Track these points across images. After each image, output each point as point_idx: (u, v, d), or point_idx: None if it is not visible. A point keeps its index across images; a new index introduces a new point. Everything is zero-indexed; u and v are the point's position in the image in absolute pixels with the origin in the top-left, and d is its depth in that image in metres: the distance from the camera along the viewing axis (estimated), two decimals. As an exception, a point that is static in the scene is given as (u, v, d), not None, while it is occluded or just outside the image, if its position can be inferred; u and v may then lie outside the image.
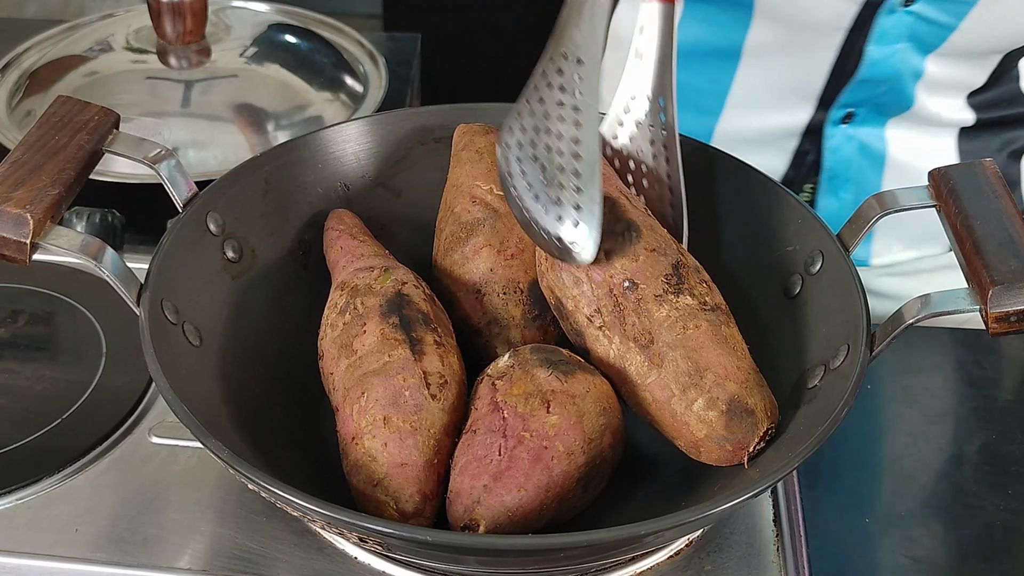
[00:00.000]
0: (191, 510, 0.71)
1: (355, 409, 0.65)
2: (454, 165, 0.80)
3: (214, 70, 1.11)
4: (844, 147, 1.00)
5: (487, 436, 0.63)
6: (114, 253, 0.66)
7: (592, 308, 0.67)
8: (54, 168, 0.67)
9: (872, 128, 1.00)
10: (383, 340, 0.67)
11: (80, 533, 0.70)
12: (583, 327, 0.68)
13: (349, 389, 0.66)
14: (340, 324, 0.70)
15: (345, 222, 0.78)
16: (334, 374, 0.68)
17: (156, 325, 0.66)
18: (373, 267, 0.73)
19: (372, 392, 0.65)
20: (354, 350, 0.68)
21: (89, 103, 0.72)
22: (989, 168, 0.70)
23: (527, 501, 0.61)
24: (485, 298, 0.74)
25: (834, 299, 0.70)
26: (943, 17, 0.91)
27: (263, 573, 0.68)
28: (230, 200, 0.76)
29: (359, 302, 0.70)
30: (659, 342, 0.66)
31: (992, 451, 0.83)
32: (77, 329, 0.85)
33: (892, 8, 0.91)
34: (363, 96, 1.13)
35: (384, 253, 0.76)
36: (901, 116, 0.98)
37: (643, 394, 0.66)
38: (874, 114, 0.99)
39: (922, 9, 0.91)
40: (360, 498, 0.63)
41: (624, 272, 0.67)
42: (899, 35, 0.93)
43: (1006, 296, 0.62)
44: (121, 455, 0.75)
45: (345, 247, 0.76)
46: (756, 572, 0.69)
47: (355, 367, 0.67)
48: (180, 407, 0.61)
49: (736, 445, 0.65)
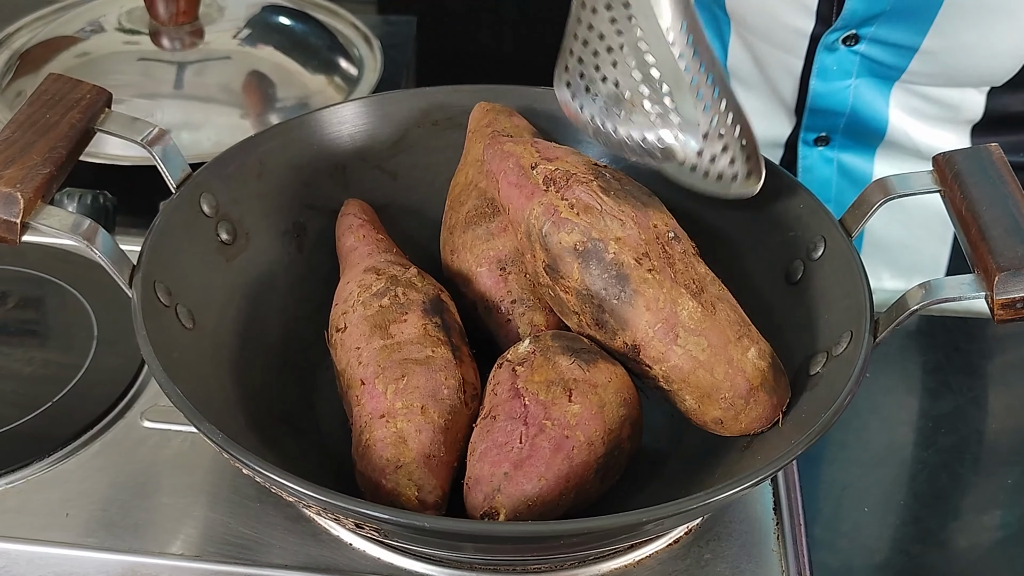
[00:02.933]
0: (183, 495, 0.71)
1: (390, 389, 0.64)
2: (476, 141, 0.78)
3: (207, 52, 1.10)
4: (819, 168, 1.00)
5: (507, 423, 0.62)
6: (107, 234, 0.65)
7: (640, 251, 0.65)
8: (45, 146, 0.66)
9: (855, 155, 0.99)
10: (425, 335, 0.67)
11: (71, 518, 0.69)
12: (630, 270, 0.65)
13: (384, 368, 0.65)
14: (376, 305, 0.68)
15: (367, 213, 0.78)
16: (362, 349, 0.67)
17: (148, 307, 0.65)
18: (405, 265, 0.72)
19: (413, 379, 0.65)
20: (391, 334, 0.67)
21: (81, 81, 0.71)
22: (995, 153, 0.69)
23: (547, 490, 0.60)
24: (511, 276, 0.72)
25: (837, 285, 0.69)
26: (890, 58, 0.91)
27: (256, 559, 0.67)
28: (224, 181, 0.74)
29: (400, 291, 0.69)
30: (707, 292, 0.65)
31: (993, 440, 0.83)
32: (68, 311, 0.84)
33: (833, 47, 0.91)
34: (358, 79, 1.12)
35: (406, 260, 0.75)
36: (889, 147, 0.98)
37: (695, 341, 0.64)
38: (852, 141, 0.98)
39: (867, 50, 0.91)
40: (374, 475, 0.62)
41: (666, 225, 0.67)
42: (846, 72, 0.93)
43: (1013, 282, 0.61)
44: (113, 439, 0.74)
45: (368, 236, 0.75)
46: (756, 560, 0.68)
47: (393, 350, 0.66)
48: (173, 390, 0.60)
49: (779, 399, 0.65)
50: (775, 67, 0.97)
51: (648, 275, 0.64)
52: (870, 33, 0.90)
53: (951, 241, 1.00)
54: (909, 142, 0.96)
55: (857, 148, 0.99)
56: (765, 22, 0.95)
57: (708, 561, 0.68)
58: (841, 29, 0.90)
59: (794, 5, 0.92)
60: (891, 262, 1.01)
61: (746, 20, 0.96)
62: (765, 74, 0.99)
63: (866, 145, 0.98)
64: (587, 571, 0.67)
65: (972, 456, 0.82)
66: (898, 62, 0.91)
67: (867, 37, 0.90)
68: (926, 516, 0.77)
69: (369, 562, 0.67)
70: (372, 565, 0.67)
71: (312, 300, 0.77)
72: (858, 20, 0.89)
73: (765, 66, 0.98)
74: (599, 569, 0.67)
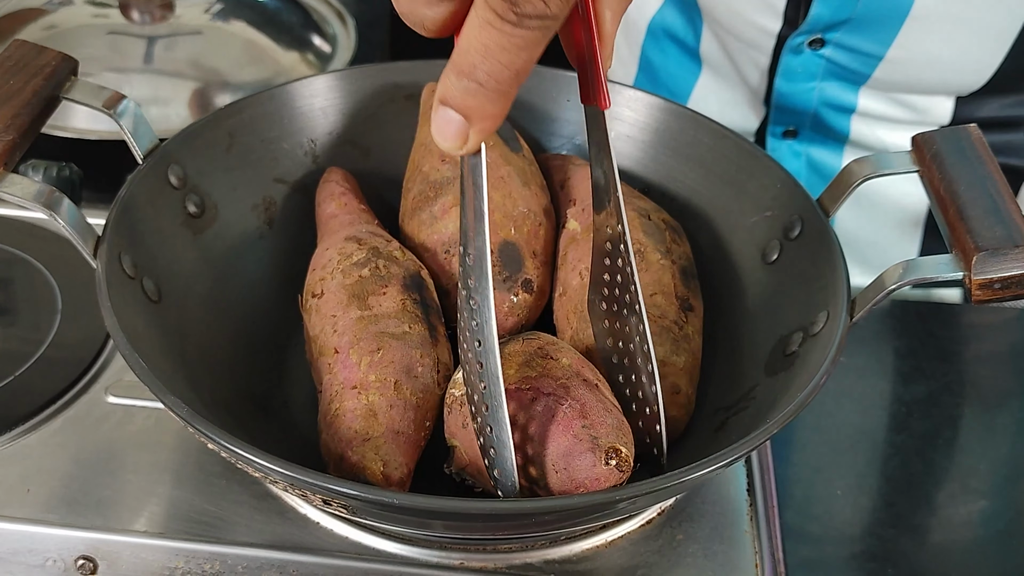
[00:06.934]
0: (148, 472, 0.69)
1: (364, 361, 0.64)
2: (422, 124, 0.78)
3: (178, 26, 1.08)
4: (788, 160, 1.00)
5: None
6: (71, 203, 0.64)
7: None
8: (8, 113, 0.64)
9: (824, 149, 0.99)
10: (403, 310, 0.66)
11: (31, 493, 0.68)
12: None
13: (360, 339, 0.64)
14: (356, 275, 0.68)
15: (349, 181, 0.77)
16: (338, 317, 0.66)
17: (114, 279, 0.63)
18: (387, 238, 0.71)
19: (389, 353, 0.64)
20: (368, 305, 0.66)
21: (46, 48, 0.69)
22: (974, 133, 0.68)
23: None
24: (454, 259, 0.72)
25: (813, 265, 0.68)
26: (856, 64, 0.91)
27: (221, 536, 0.66)
28: (192, 153, 0.73)
29: (381, 264, 0.68)
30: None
31: (967, 423, 0.82)
32: (32, 285, 0.82)
33: (799, 49, 0.91)
34: (331, 56, 1.11)
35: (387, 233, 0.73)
36: (857, 144, 0.98)
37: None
38: (820, 135, 0.98)
39: (832, 55, 0.91)
40: (339, 446, 0.62)
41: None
42: (811, 74, 0.93)
43: (990, 263, 0.61)
44: (75, 414, 0.73)
45: (349, 204, 0.75)
46: (728, 542, 0.67)
47: (370, 322, 0.65)
48: (137, 362, 0.59)
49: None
50: (744, 62, 0.97)
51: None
52: (835, 38, 0.90)
53: (920, 239, 1.00)
54: (878, 142, 0.96)
55: (825, 143, 0.99)
56: (734, 19, 0.94)
57: (680, 542, 0.67)
58: (806, 33, 0.90)
59: (762, 5, 0.91)
60: (860, 259, 1.01)
61: (715, 14, 0.96)
62: (735, 66, 0.99)
63: (834, 141, 0.98)
64: (559, 551, 0.66)
65: (945, 441, 0.81)
66: (863, 68, 0.91)
67: (832, 42, 0.90)
68: (899, 500, 0.76)
69: (337, 540, 0.66)
70: (339, 544, 0.66)
71: (281, 275, 0.75)
72: (823, 25, 0.89)
73: (735, 59, 0.98)
74: (571, 549, 0.66)
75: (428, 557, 0.65)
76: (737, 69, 0.99)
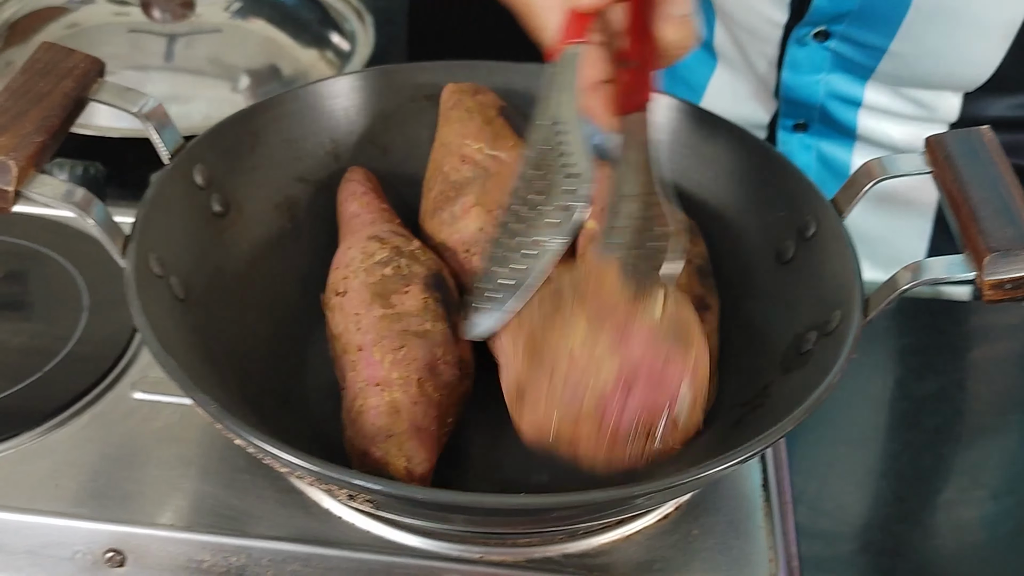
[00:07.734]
0: (173, 466, 0.70)
1: (388, 358, 0.65)
2: (443, 124, 0.79)
3: (198, 24, 1.10)
4: (798, 154, 1.01)
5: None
6: (101, 203, 0.65)
7: None
8: (38, 115, 0.65)
9: (834, 144, 1.00)
10: (426, 308, 0.68)
11: (60, 488, 0.69)
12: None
13: (384, 337, 0.66)
14: (379, 273, 0.69)
15: (371, 181, 0.78)
16: (361, 315, 0.67)
17: (142, 277, 0.64)
18: (408, 238, 0.73)
19: (412, 350, 0.65)
20: (391, 304, 0.67)
21: (74, 50, 0.70)
22: (986, 135, 0.69)
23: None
24: (475, 258, 0.73)
25: (827, 264, 0.69)
26: (860, 57, 0.91)
27: (245, 530, 0.67)
28: (217, 153, 0.74)
29: (403, 263, 0.70)
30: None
31: (977, 419, 0.83)
32: (58, 282, 0.83)
33: (804, 41, 0.92)
34: (350, 54, 1.12)
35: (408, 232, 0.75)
36: (866, 140, 0.98)
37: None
38: (829, 130, 0.99)
39: (837, 47, 0.91)
40: (363, 442, 0.63)
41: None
42: (816, 66, 0.93)
43: (1002, 263, 0.62)
44: (102, 410, 0.74)
45: (371, 204, 0.76)
46: (743, 536, 0.68)
47: (393, 320, 0.67)
48: (167, 360, 0.60)
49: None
50: (754, 53, 0.98)
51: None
52: (840, 31, 0.90)
53: (929, 236, 1.01)
54: (886, 138, 0.97)
55: (834, 138, 0.99)
56: (742, 11, 0.95)
57: (696, 537, 0.68)
58: (810, 24, 0.91)
59: None
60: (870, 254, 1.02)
61: (725, 7, 0.96)
62: (746, 58, 0.99)
63: (844, 136, 0.99)
64: (577, 545, 0.67)
65: (955, 437, 0.82)
66: (868, 61, 0.91)
67: (837, 34, 0.91)
68: (909, 495, 0.77)
69: (359, 534, 0.67)
70: (362, 537, 0.67)
71: (303, 273, 0.76)
72: (826, 16, 0.90)
73: (745, 51, 0.99)
74: (589, 543, 0.67)
75: (449, 551, 0.66)
76: (748, 61, 0.99)
